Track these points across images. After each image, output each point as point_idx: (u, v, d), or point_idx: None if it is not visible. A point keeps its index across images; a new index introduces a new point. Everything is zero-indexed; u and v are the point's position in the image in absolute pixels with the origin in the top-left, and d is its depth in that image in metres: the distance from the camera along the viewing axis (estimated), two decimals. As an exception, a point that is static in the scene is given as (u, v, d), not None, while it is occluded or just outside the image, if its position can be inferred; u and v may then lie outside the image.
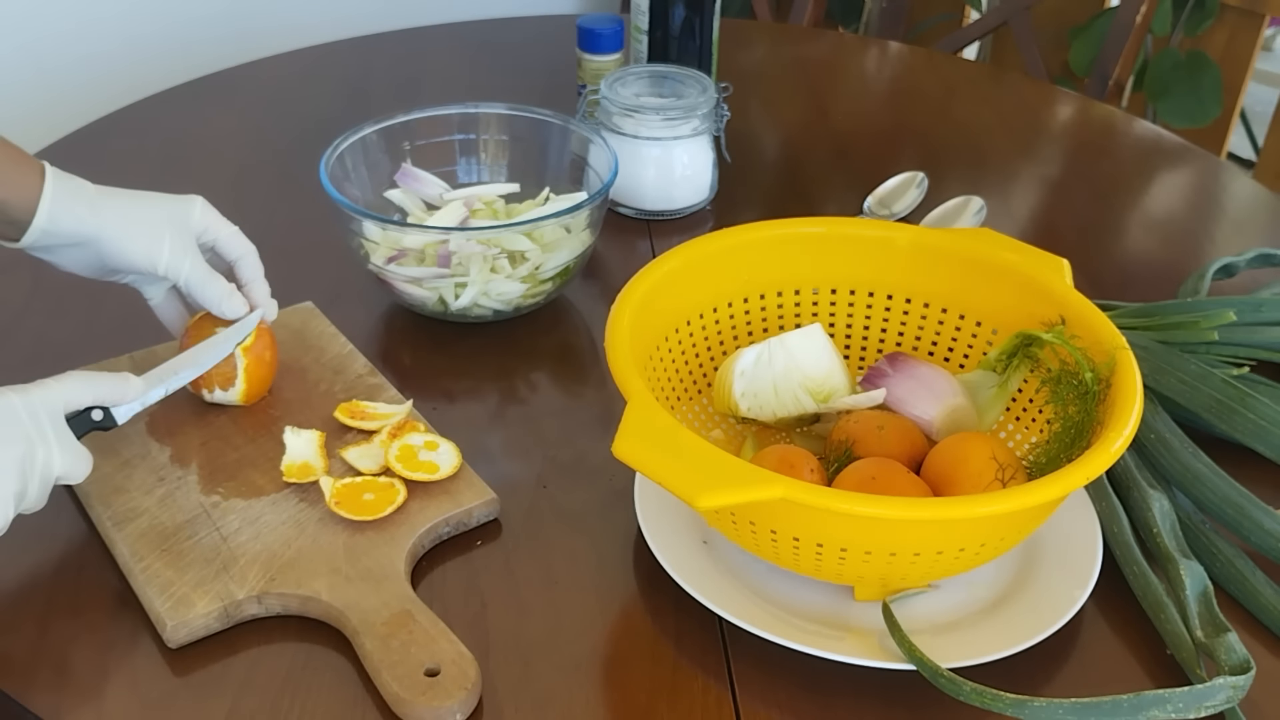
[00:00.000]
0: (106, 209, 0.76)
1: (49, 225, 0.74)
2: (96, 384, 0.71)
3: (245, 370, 0.80)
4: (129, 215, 0.77)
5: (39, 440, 0.66)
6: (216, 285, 0.79)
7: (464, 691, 0.63)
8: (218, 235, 0.81)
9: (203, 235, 0.80)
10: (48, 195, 0.74)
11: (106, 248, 0.76)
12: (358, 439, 0.80)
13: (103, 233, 0.76)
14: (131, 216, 0.77)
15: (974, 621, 0.69)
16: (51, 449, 0.67)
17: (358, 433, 0.81)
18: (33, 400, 0.67)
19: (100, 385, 0.71)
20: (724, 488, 0.61)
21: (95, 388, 0.71)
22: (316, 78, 1.38)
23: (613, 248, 1.08)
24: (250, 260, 0.82)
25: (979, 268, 0.80)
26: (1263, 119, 2.03)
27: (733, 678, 0.67)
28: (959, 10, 2.24)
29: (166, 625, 0.67)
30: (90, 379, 0.71)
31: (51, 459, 0.67)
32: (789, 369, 0.78)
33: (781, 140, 1.31)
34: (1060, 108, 1.42)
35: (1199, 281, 0.97)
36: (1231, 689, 0.62)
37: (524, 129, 1.04)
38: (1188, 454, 0.78)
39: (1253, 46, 1.94)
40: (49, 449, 0.67)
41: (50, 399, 0.68)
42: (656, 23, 1.18)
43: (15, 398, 0.66)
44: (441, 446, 0.78)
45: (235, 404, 0.82)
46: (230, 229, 0.81)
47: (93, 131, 1.23)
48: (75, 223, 0.75)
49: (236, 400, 0.82)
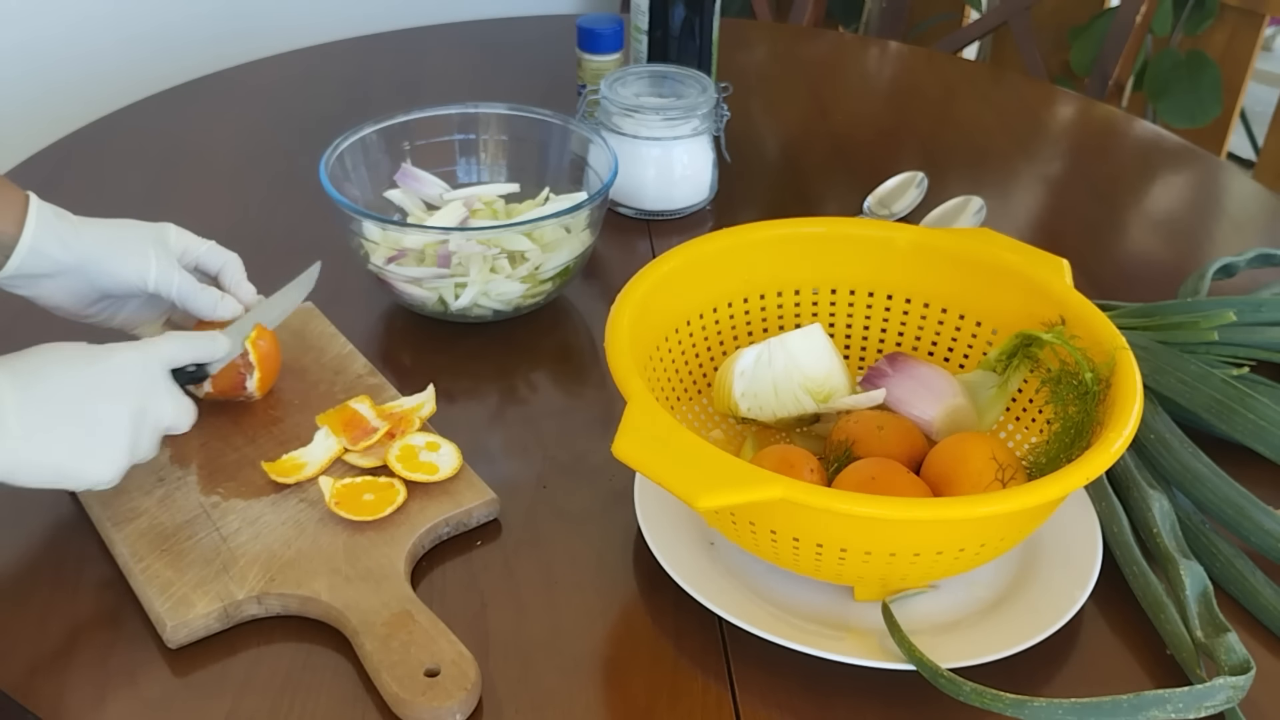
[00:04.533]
0: (89, 234, 0.78)
1: (34, 245, 0.75)
2: (194, 343, 0.75)
3: (258, 360, 0.80)
4: (112, 237, 0.79)
5: (152, 393, 0.71)
6: (208, 294, 0.81)
7: (464, 691, 0.63)
8: (197, 254, 0.83)
9: (183, 257, 0.82)
10: (32, 219, 0.75)
11: (94, 269, 0.77)
12: (360, 439, 0.80)
13: (89, 254, 0.77)
14: (114, 237, 0.79)
15: (974, 621, 0.69)
16: (163, 401, 0.72)
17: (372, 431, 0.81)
18: (148, 354, 0.72)
19: (197, 345, 0.76)
20: (724, 488, 0.61)
21: (194, 347, 0.75)
22: (316, 78, 1.39)
23: (613, 248, 1.08)
24: (233, 266, 0.84)
25: (979, 268, 0.80)
26: (1263, 119, 2.03)
27: (733, 678, 0.67)
28: (959, 10, 2.24)
29: (166, 625, 0.67)
30: (188, 338, 0.75)
31: (163, 410, 0.72)
32: (789, 369, 0.78)
33: (781, 140, 1.31)
34: (1060, 108, 1.42)
35: (1199, 281, 0.97)
36: (1231, 689, 0.62)
37: (524, 129, 1.04)
38: (1188, 454, 0.78)
39: (1253, 46, 1.94)
40: (160, 401, 0.72)
41: (161, 354, 0.73)
42: (656, 23, 1.18)
43: (133, 353, 0.71)
44: (443, 448, 0.78)
45: (251, 394, 0.82)
46: (207, 244, 0.83)
47: (92, 131, 1.23)
48: (60, 246, 0.76)
49: (253, 389, 0.81)
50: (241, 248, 0.85)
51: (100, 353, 0.70)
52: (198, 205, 1.11)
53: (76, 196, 1.10)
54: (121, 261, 0.78)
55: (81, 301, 0.80)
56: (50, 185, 1.11)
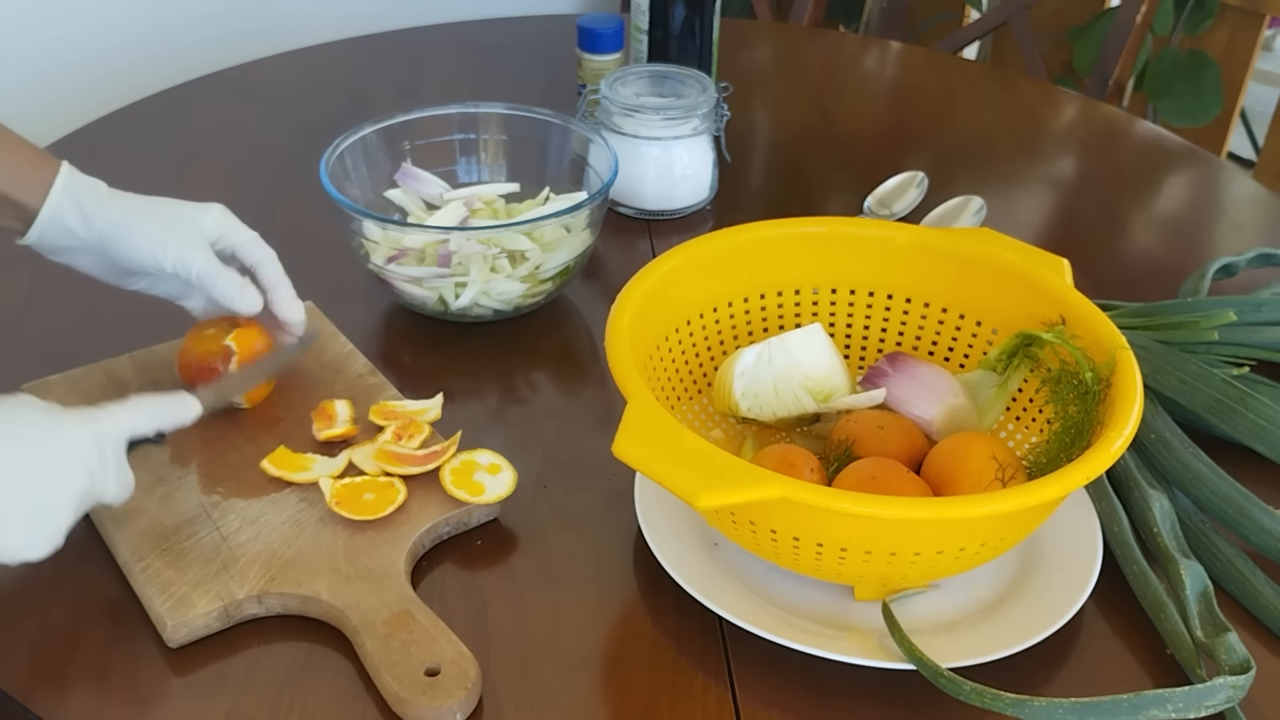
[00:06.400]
0: (113, 208, 0.76)
1: (55, 217, 0.74)
2: (161, 412, 0.71)
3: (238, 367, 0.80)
4: (135, 213, 0.77)
5: (100, 473, 0.67)
6: (229, 280, 0.79)
7: (464, 691, 0.63)
8: (235, 240, 0.80)
9: (219, 241, 0.80)
10: (56, 191, 0.74)
11: (111, 246, 0.76)
12: (363, 440, 0.80)
13: (107, 232, 0.76)
14: (138, 214, 0.77)
15: (974, 621, 0.69)
16: (108, 479, 0.67)
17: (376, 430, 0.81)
18: (103, 432, 0.67)
19: (164, 414, 0.72)
20: (724, 488, 0.61)
21: (160, 417, 0.71)
22: (316, 78, 1.39)
23: (613, 248, 1.08)
24: (269, 264, 0.81)
25: (979, 268, 0.80)
26: (1263, 119, 2.03)
27: (733, 678, 0.67)
28: (959, 10, 2.24)
29: (166, 625, 0.67)
30: (155, 408, 0.71)
31: (106, 488, 0.67)
32: (789, 369, 0.78)
33: (781, 140, 1.31)
34: (1060, 108, 1.42)
35: (1199, 281, 0.97)
36: (1231, 689, 0.62)
37: (524, 129, 1.04)
38: (1188, 454, 0.78)
39: (1253, 46, 1.94)
40: (105, 479, 0.67)
41: (120, 429, 0.68)
42: (656, 23, 1.18)
43: (87, 430, 0.66)
44: (503, 472, 0.76)
45: (239, 405, 0.82)
46: (248, 234, 0.81)
47: (92, 131, 1.23)
48: (80, 220, 0.75)
49: (240, 402, 0.82)
50: (241, 248, 0.85)
51: (51, 427, 0.65)
52: (198, 205, 1.11)
53: (77, 196, 1.10)
54: (138, 241, 0.76)
55: (113, 274, 0.79)
56: (50, 185, 1.11)
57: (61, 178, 0.75)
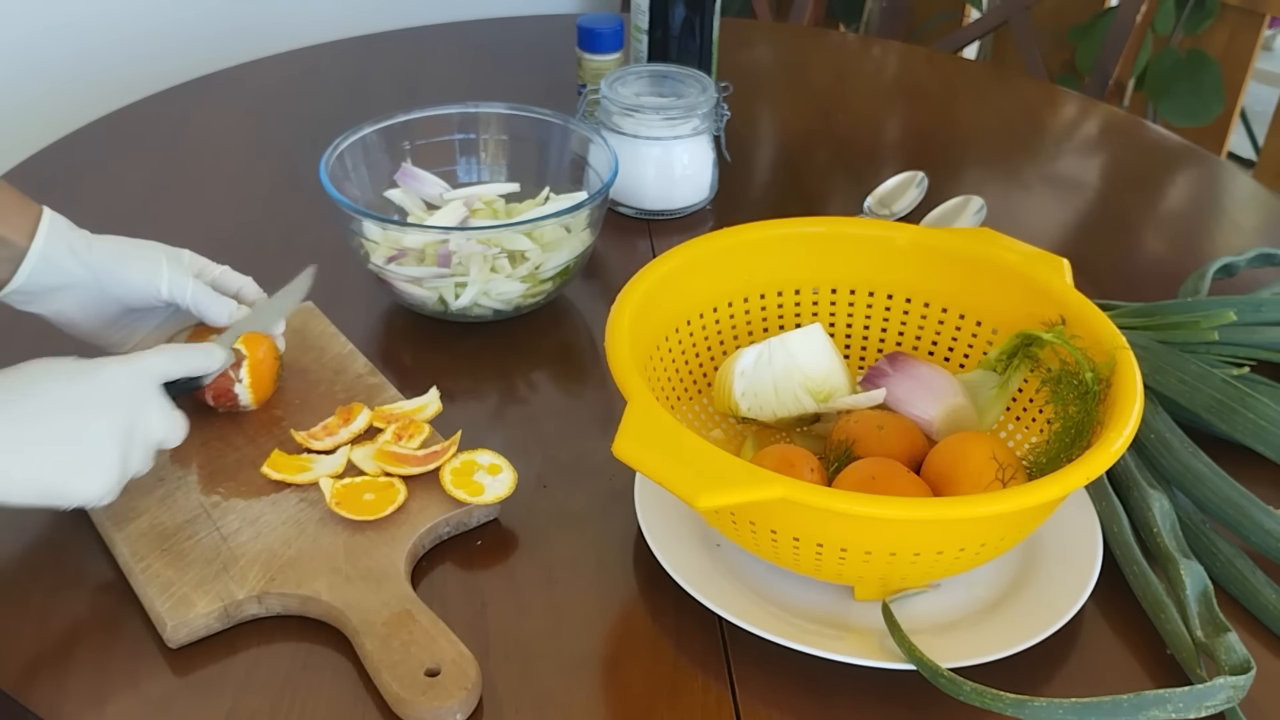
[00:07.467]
0: (101, 247, 0.78)
1: (46, 253, 0.75)
2: (187, 356, 0.75)
3: (249, 370, 0.80)
4: (122, 249, 0.79)
5: (142, 408, 0.70)
6: (223, 301, 0.81)
7: (464, 691, 0.63)
8: (213, 275, 0.83)
9: (199, 276, 0.82)
10: (43, 230, 0.76)
11: (107, 279, 0.78)
12: (363, 440, 0.80)
13: (101, 265, 0.78)
14: (124, 249, 0.79)
15: (974, 621, 0.69)
16: (153, 416, 0.71)
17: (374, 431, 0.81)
18: (136, 368, 0.71)
19: (191, 357, 0.75)
20: (724, 488, 0.61)
21: (187, 360, 0.75)
22: (316, 78, 1.39)
23: (613, 248, 1.08)
24: (251, 287, 0.84)
25: (979, 268, 0.80)
26: (1263, 119, 2.03)
27: (733, 678, 0.67)
28: (959, 10, 2.24)
29: (166, 625, 0.67)
30: (181, 350, 0.75)
31: (153, 426, 0.71)
32: (789, 369, 0.78)
33: (782, 140, 1.31)
34: (1061, 107, 1.42)
35: (1199, 281, 0.97)
36: (1231, 689, 0.62)
37: (524, 129, 1.04)
38: (1188, 454, 0.78)
39: (1253, 46, 1.94)
40: (150, 416, 0.70)
41: (153, 368, 0.72)
42: (656, 22, 1.18)
43: (122, 367, 0.70)
44: (503, 473, 0.76)
45: (247, 407, 0.82)
46: (221, 268, 0.84)
47: (92, 131, 1.23)
48: (72, 257, 0.77)
49: (248, 402, 0.81)
50: (242, 247, 0.85)
51: (89, 367, 0.69)
52: (198, 205, 1.11)
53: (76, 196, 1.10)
54: (134, 269, 0.78)
55: (97, 318, 0.80)
56: (51, 185, 1.11)
57: (47, 217, 0.77)
